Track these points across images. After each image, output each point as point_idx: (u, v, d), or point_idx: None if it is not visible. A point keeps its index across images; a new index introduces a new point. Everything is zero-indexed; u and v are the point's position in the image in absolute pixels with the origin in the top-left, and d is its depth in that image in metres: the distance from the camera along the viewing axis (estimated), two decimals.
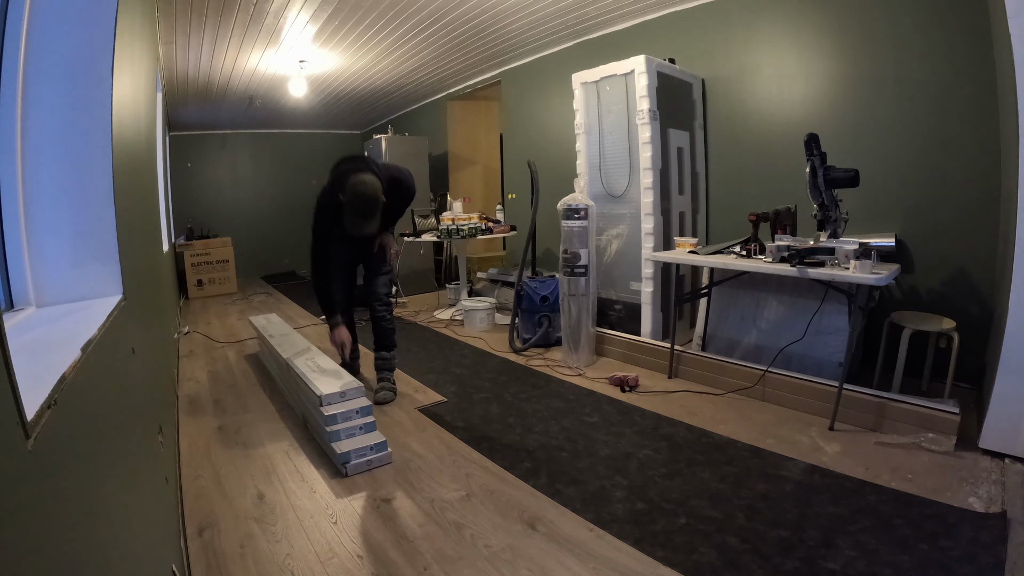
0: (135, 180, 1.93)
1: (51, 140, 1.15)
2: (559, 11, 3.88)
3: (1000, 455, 1.99)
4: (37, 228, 1.15)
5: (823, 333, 2.69)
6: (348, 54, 4.66)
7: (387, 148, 5.93)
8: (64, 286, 1.20)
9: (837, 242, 2.34)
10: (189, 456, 2.31)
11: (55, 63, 1.14)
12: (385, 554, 1.63)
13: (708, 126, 3.73)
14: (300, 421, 2.61)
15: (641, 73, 3.19)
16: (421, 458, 2.23)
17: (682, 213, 3.58)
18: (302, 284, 7.31)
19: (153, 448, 1.46)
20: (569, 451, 2.24)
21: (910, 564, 1.47)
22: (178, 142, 7.48)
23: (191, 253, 6.49)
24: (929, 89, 2.67)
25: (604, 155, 3.55)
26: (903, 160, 2.79)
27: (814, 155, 2.31)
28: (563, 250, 3.34)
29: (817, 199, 2.36)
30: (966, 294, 2.64)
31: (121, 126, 1.43)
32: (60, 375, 0.68)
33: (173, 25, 3.62)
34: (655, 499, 1.86)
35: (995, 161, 2.42)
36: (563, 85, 4.04)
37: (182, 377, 3.43)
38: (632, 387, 2.90)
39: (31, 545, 0.49)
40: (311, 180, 8.75)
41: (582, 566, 1.54)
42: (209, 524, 1.80)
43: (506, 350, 3.70)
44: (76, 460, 0.69)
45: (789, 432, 2.31)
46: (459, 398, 2.88)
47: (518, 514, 1.81)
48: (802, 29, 3.15)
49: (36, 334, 0.96)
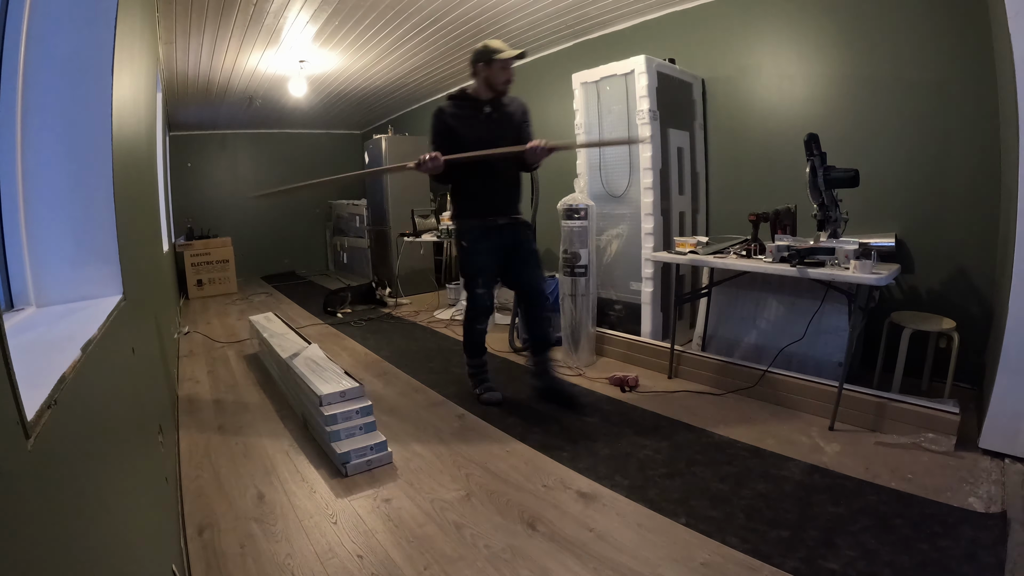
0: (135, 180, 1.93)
1: (51, 140, 1.15)
2: (559, 11, 3.88)
3: (1000, 455, 1.98)
4: (37, 228, 1.15)
5: (823, 333, 2.69)
6: (348, 54, 4.66)
7: (387, 148, 5.93)
8: (64, 286, 1.20)
9: (837, 242, 2.34)
10: (189, 456, 2.31)
11: (55, 63, 1.14)
12: (385, 554, 1.63)
13: (708, 126, 3.73)
14: (300, 421, 2.61)
15: (641, 73, 3.19)
16: (421, 458, 2.23)
17: (682, 213, 3.58)
18: (302, 284, 7.31)
19: (153, 448, 1.46)
20: (569, 451, 2.24)
21: (910, 564, 1.47)
22: (178, 142, 7.48)
23: (191, 253, 6.50)
24: (929, 89, 2.67)
25: (604, 155, 3.55)
26: (903, 160, 2.79)
27: (814, 155, 2.31)
28: (563, 250, 3.34)
29: (817, 199, 2.36)
30: (966, 294, 2.64)
31: (121, 126, 1.43)
32: (60, 375, 0.68)
33: (173, 25, 3.62)
34: (655, 499, 1.86)
35: (995, 161, 2.42)
36: (563, 85, 4.04)
37: (182, 377, 3.43)
38: (632, 387, 2.90)
39: (31, 545, 0.49)
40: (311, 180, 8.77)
41: (582, 566, 1.54)
42: (209, 524, 1.80)
43: (506, 350, 3.70)
44: (76, 460, 0.69)
45: (789, 432, 2.31)
46: (459, 398, 2.88)
47: (518, 514, 1.81)
48: (802, 29, 3.15)
49: (36, 334, 0.96)
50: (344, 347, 4.03)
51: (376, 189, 6.20)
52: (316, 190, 8.74)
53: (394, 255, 5.73)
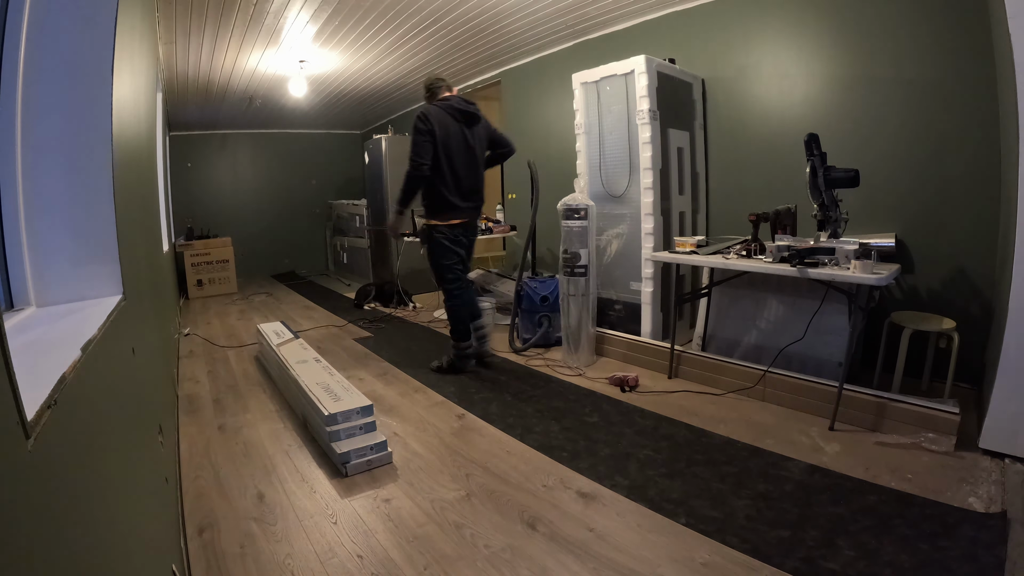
0: (135, 180, 1.93)
1: (51, 140, 1.15)
2: (559, 11, 3.88)
3: (1000, 455, 1.99)
4: (37, 228, 1.14)
5: (823, 333, 2.69)
6: (348, 54, 4.66)
7: (387, 148, 5.92)
8: (64, 286, 1.19)
9: (837, 242, 2.34)
10: (189, 456, 2.31)
11: (55, 63, 1.14)
12: (385, 554, 1.63)
13: (708, 126, 3.73)
14: (300, 421, 2.61)
15: (641, 73, 3.19)
16: (421, 458, 2.23)
17: (682, 213, 3.58)
18: (302, 284, 7.32)
19: (153, 448, 1.46)
20: (569, 451, 2.24)
21: (910, 564, 1.47)
22: (178, 142, 7.48)
23: (191, 253, 6.50)
24: (929, 89, 2.67)
25: (604, 155, 3.55)
26: (903, 160, 2.79)
27: (814, 155, 2.31)
28: (563, 250, 3.34)
29: (817, 199, 2.36)
30: (966, 294, 2.64)
31: (121, 126, 1.43)
32: (60, 375, 0.68)
33: (173, 25, 3.62)
34: (655, 499, 1.86)
35: (995, 161, 2.42)
36: (563, 85, 4.04)
37: (182, 377, 3.43)
38: (632, 387, 2.90)
39: (31, 545, 0.49)
40: (311, 180, 8.77)
41: (582, 566, 1.54)
42: (209, 524, 1.81)
43: (506, 350, 3.70)
44: (76, 460, 0.69)
45: (789, 432, 2.31)
46: (459, 398, 2.88)
47: (518, 514, 1.81)
48: (802, 29, 3.15)
49: (36, 334, 0.96)
50: (344, 347, 4.03)
51: (376, 189, 6.20)
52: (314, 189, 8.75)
53: (394, 255, 5.73)
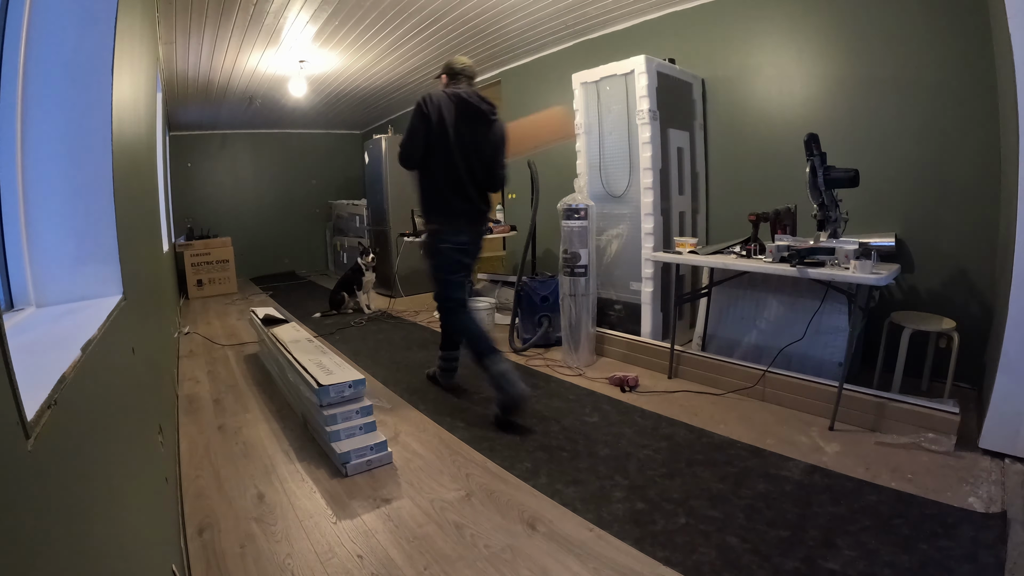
0: (135, 180, 1.93)
1: (51, 140, 1.15)
2: (559, 11, 3.88)
3: (1000, 455, 1.99)
4: (37, 228, 1.15)
5: (823, 333, 2.69)
6: (348, 54, 4.66)
7: (387, 148, 5.92)
8: (64, 286, 1.20)
9: (837, 242, 2.34)
10: (189, 456, 2.31)
11: (55, 63, 1.14)
12: (385, 554, 1.63)
13: (708, 126, 3.73)
14: (300, 421, 2.61)
15: (641, 73, 3.19)
16: (421, 458, 2.23)
17: (682, 213, 3.58)
18: (302, 284, 7.32)
19: (153, 448, 1.46)
20: (569, 451, 2.24)
21: (910, 564, 1.47)
22: (178, 142, 7.48)
23: (191, 253, 6.50)
24: (929, 89, 2.67)
25: (604, 155, 3.55)
26: (903, 160, 2.79)
27: (814, 155, 2.31)
28: (563, 250, 3.34)
29: (817, 199, 2.36)
30: (966, 294, 2.64)
31: (121, 126, 1.43)
32: (60, 375, 0.68)
33: (173, 25, 3.62)
34: (655, 499, 1.86)
35: (995, 161, 2.42)
36: (563, 85, 4.03)
37: (182, 377, 3.43)
38: (632, 387, 2.90)
39: (31, 545, 0.49)
40: (311, 180, 8.77)
41: (582, 566, 1.54)
42: (209, 524, 1.80)
43: (506, 350, 3.69)
44: (76, 460, 0.69)
45: (789, 432, 2.31)
46: (459, 398, 2.88)
47: (518, 514, 1.81)
48: (802, 29, 3.15)
49: (36, 334, 0.96)
50: (344, 347, 4.03)
51: (376, 189, 6.20)
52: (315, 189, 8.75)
53: (394, 255, 5.74)
